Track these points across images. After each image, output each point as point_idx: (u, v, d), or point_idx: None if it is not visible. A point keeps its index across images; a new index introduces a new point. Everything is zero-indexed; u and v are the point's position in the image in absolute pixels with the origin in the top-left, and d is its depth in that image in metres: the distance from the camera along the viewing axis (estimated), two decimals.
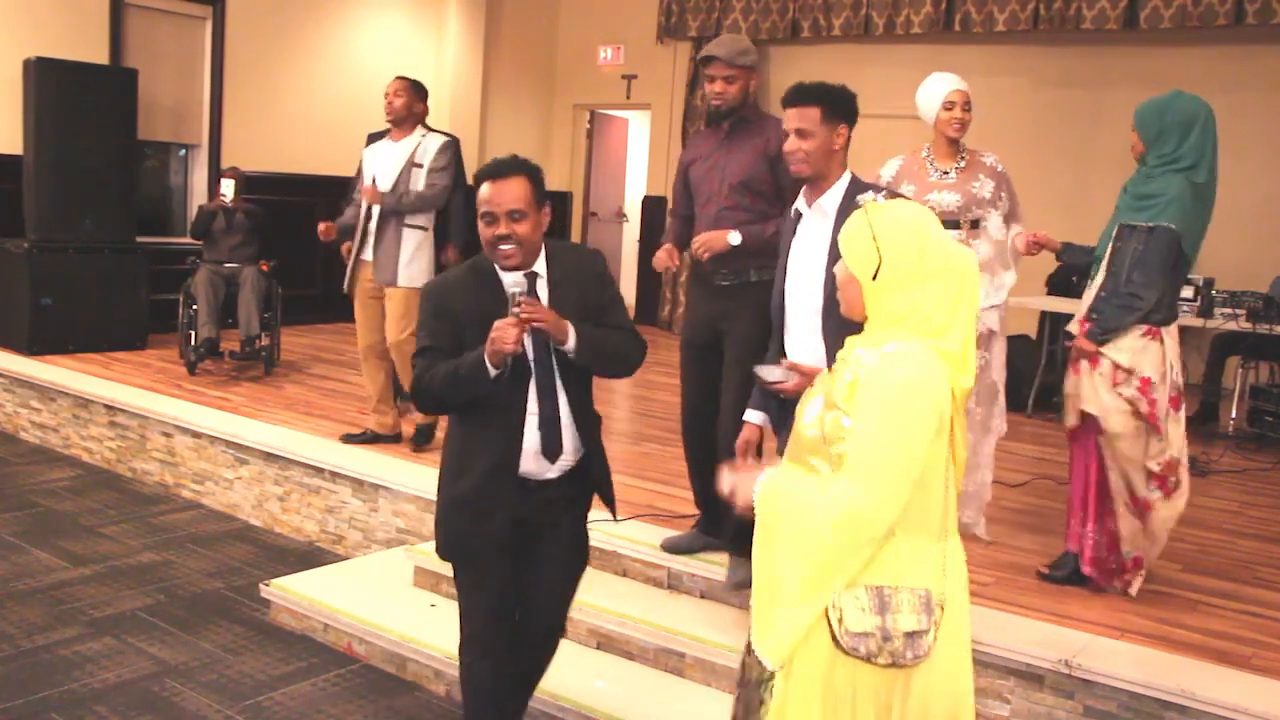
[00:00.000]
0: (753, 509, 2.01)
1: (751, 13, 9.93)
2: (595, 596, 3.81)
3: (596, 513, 4.25)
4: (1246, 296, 6.67)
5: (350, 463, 4.92)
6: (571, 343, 2.62)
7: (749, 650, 2.06)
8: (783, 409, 2.78)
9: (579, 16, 11.07)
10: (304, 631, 4.04)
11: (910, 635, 1.91)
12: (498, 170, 2.63)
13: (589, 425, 2.81)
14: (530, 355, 2.67)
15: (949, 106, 4.08)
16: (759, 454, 2.84)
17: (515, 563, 2.80)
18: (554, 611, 2.94)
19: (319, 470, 4.99)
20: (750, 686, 2.07)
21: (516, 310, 2.54)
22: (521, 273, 2.67)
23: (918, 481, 1.91)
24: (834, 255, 2.61)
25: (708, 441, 3.74)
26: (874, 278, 1.96)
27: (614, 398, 7.03)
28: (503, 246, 2.61)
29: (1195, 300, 6.84)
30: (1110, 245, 3.70)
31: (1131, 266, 3.59)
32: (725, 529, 3.71)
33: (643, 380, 7.58)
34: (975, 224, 4.16)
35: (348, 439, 5.32)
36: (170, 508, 5.43)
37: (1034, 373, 6.94)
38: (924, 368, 1.90)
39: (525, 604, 2.86)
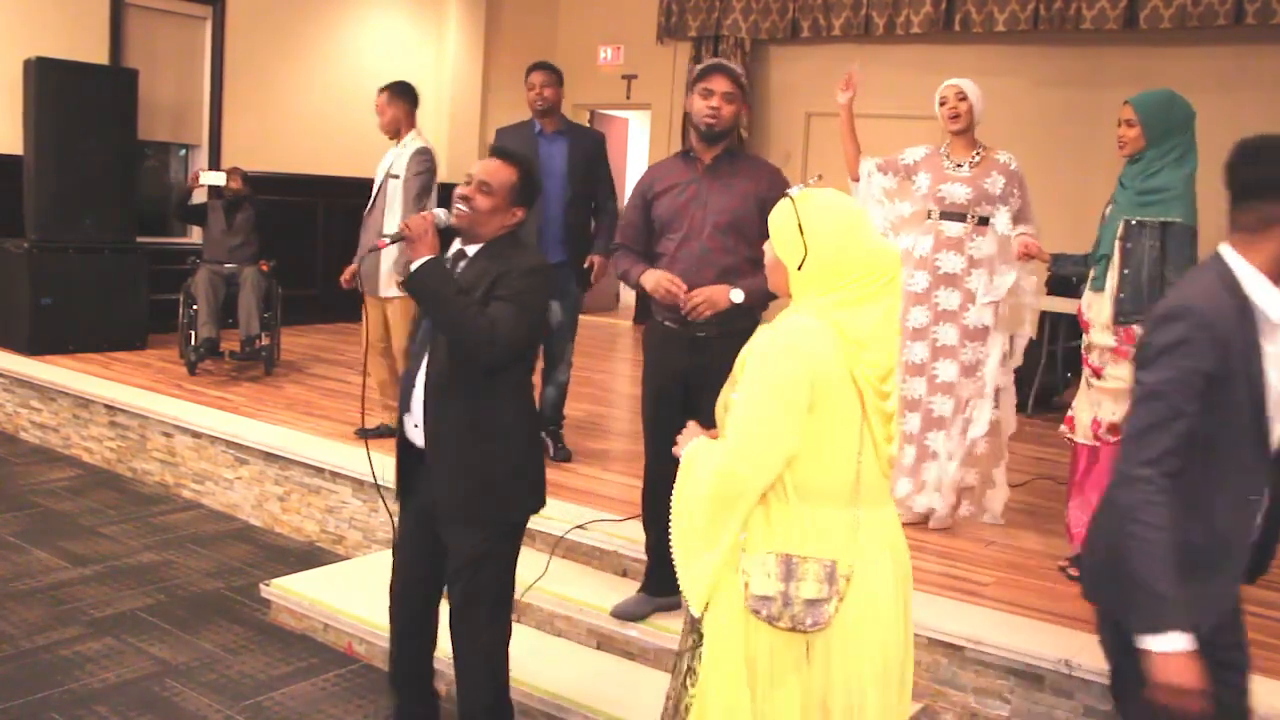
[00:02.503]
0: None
1: (751, 13, 9.92)
2: (595, 596, 3.82)
3: (597, 512, 4.28)
4: None
5: (350, 463, 4.92)
6: (418, 263, 2.70)
7: (688, 626, 2.20)
8: None
9: (579, 16, 11.07)
10: (304, 631, 4.04)
11: (810, 603, 1.99)
12: (501, 154, 2.89)
13: (444, 409, 2.78)
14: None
15: (942, 102, 4.27)
16: None
17: (425, 533, 2.95)
18: (451, 591, 2.95)
19: (319, 470, 4.99)
20: (682, 654, 2.20)
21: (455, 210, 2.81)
22: (454, 250, 2.88)
23: (809, 451, 2.00)
24: None
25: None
26: (799, 268, 2.05)
27: (612, 397, 7.03)
28: (458, 205, 2.81)
29: None
30: (1118, 244, 3.70)
31: (1154, 264, 3.60)
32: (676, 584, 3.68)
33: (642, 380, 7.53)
34: (984, 220, 4.20)
35: (362, 433, 5.37)
36: (170, 508, 5.43)
37: (1034, 373, 6.93)
38: (799, 338, 1.99)
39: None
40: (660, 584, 3.66)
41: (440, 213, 2.82)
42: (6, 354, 6.90)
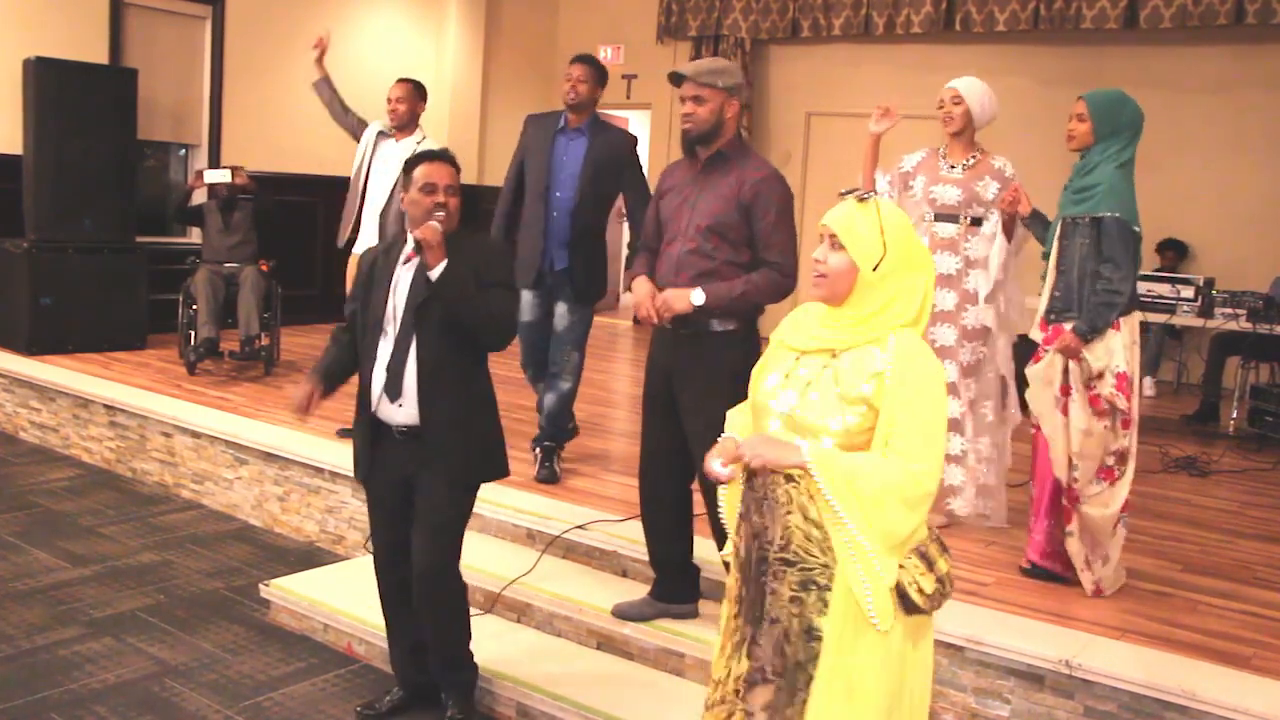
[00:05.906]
0: (745, 467, 2.19)
1: (751, 13, 9.93)
2: (595, 596, 3.81)
3: (597, 512, 4.28)
4: (1246, 296, 6.67)
5: (350, 462, 4.90)
6: (438, 270, 2.95)
7: (786, 638, 2.13)
8: None
9: (579, 16, 11.07)
10: (304, 631, 4.04)
11: (949, 577, 2.14)
12: (440, 156, 3.13)
13: (438, 388, 3.03)
14: (405, 296, 3.06)
15: (940, 104, 4.30)
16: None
17: (402, 505, 3.18)
18: (421, 552, 3.12)
19: (319, 470, 4.99)
20: (791, 670, 2.13)
21: (435, 218, 3.01)
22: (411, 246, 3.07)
23: None
24: None
25: (666, 501, 3.57)
26: (875, 268, 2.13)
27: (613, 398, 7.03)
28: (438, 212, 3.03)
29: (1195, 300, 6.84)
30: (1056, 242, 3.71)
31: (1084, 261, 3.60)
32: (686, 592, 3.67)
33: (642, 380, 7.52)
34: (977, 222, 4.22)
35: (344, 433, 5.36)
36: (170, 508, 5.43)
37: None
38: (933, 356, 2.14)
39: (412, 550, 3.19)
40: (668, 591, 3.67)
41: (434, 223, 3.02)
42: (6, 354, 6.90)
